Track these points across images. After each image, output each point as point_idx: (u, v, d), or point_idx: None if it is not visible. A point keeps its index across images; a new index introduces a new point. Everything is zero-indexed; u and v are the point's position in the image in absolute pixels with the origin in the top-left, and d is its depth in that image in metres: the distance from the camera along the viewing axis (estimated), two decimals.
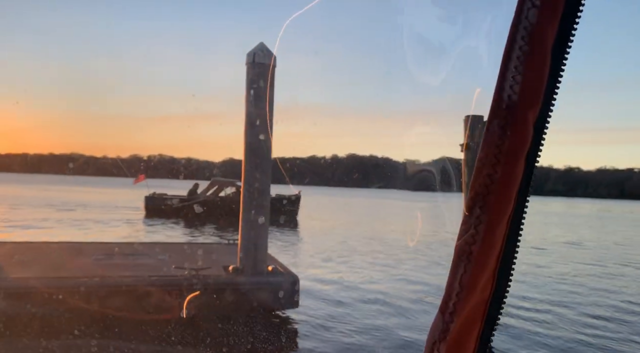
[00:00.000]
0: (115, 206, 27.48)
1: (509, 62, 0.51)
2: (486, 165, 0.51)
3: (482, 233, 0.51)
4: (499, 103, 0.51)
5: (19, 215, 19.98)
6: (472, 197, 0.52)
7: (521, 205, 0.52)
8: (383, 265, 11.45)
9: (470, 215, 0.52)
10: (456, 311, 0.52)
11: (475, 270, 0.51)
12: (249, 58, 6.29)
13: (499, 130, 0.51)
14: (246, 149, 6.41)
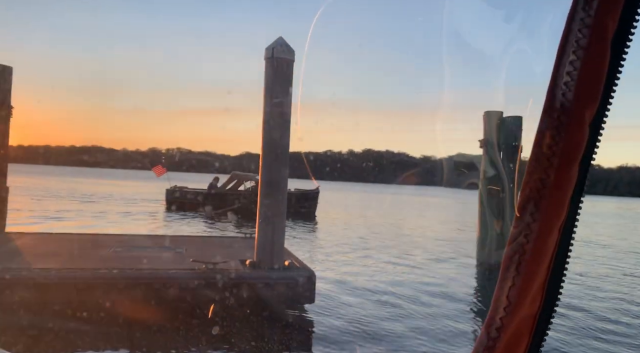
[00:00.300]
0: (137, 199, 27.91)
1: (563, 56, 0.47)
2: (538, 169, 0.47)
3: (532, 242, 0.47)
4: (552, 102, 0.47)
5: (43, 206, 20.39)
6: (523, 202, 0.48)
7: (574, 211, 0.48)
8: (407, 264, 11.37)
9: (521, 219, 0.48)
10: (503, 326, 0.48)
11: (525, 283, 0.48)
12: (268, 52, 6.27)
13: (552, 131, 0.47)
14: (264, 143, 6.40)
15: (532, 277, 0.48)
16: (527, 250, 0.47)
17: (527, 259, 0.48)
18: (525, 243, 0.47)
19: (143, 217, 18.80)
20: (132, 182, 53.28)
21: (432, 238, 16.72)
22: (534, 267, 0.48)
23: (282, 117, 6.36)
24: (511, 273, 0.48)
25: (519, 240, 0.48)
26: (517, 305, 0.48)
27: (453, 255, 12.70)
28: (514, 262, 0.48)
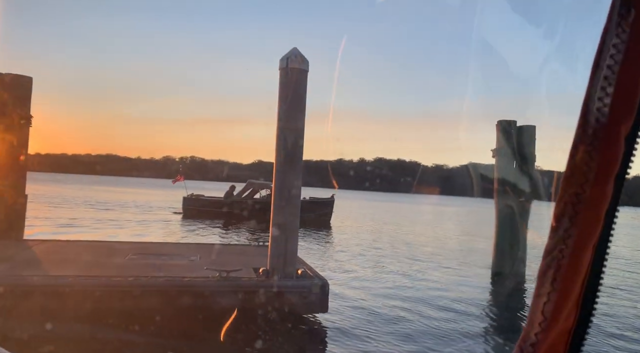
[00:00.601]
0: (154, 206, 28.22)
1: (598, 71, 0.47)
2: (573, 183, 0.47)
3: (567, 258, 0.47)
4: (586, 116, 0.47)
5: (60, 214, 20.69)
6: (557, 217, 0.48)
7: (609, 226, 0.48)
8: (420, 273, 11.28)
9: (555, 235, 0.48)
10: (538, 342, 0.48)
11: (559, 298, 0.47)
12: (282, 63, 6.32)
13: (587, 145, 0.47)
14: (277, 151, 6.43)
15: (567, 293, 0.48)
16: (562, 265, 0.47)
17: (562, 274, 0.47)
18: (560, 259, 0.47)
19: (160, 225, 18.98)
20: (148, 190, 53.90)
21: (455, 249, 16.51)
22: (569, 283, 0.47)
23: (296, 126, 6.39)
24: (546, 288, 0.48)
25: (553, 255, 0.48)
26: (552, 320, 0.47)
27: (471, 265, 12.57)
28: (548, 277, 0.48)
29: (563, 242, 0.47)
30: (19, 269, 6.05)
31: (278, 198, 6.44)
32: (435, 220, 33.02)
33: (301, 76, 6.36)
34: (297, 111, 6.37)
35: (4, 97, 8.13)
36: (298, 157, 6.46)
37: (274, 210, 6.46)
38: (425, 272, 11.34)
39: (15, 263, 6.43)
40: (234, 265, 6.57)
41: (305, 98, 6.46)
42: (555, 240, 0.48)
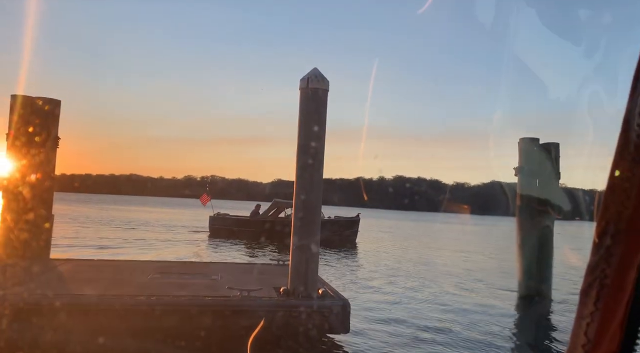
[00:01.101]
0: (179, 225, 28.64)
1: (638, 85, 0.46)
2: (614, 201, 0.46)
3: (611, 278, 0.46)
4: (627, 132, 0.46)
5: (86, 234, 21.09)
6: (599, 235, 0.47)
7: None
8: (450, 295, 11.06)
9: (597, 253, 0.47)
10: None
11: (603, 320, 0.46)
12: (303, 83, 6.41)
13: (628, 162, 0.46)
14: (298, 170, 6.46)
15: (611, 314, 0.46)
16: (605, 285, 0.46)
17: (606, 294, 0.46)
18: (603, 278, 0.46)
19: (187, 244, 19.22)
20: (171, 209, 54.61)
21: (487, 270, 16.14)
22: (613, 303, 0.46)
23: (316, 145, 6.43)
24: (589, 309, 0.47)
25: (596, 274, 0.46)
26: (596, 343, 0.46)
27: (497, 287, 12.27)
28: (591, 297, 0.47)
29: (605, 260, 0.46)
30: (46, 288, 6.16)
31: (298, 217, 6.44)
32: (464, 239, 32.46)
33: (321, 95, 6.42)
34: (317, 130, 6.42)
35: (34, 120, 8.41)
36: (318, 176, 6.48)
37: (294, 229, 6.46)
38: (451, 294, 11.11)
39: (41, 282, 6.55)
40: (254, 284, 6.56)
41: (326, 117, 6.51)
42: (598, 259, 0.47)
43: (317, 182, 6.48)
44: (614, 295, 0.46)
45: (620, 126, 0.47)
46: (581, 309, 0.47)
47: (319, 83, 6.34)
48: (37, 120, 8.42)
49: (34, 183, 8.31)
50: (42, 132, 8.47)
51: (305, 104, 6.40)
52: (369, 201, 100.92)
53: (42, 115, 8.50)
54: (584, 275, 0.48)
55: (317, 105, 6.40)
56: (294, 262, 6.41)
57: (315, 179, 6.45)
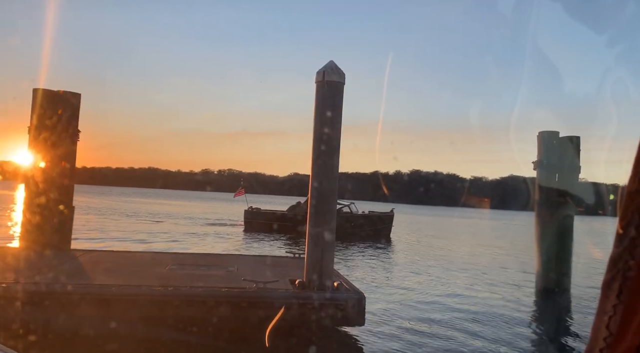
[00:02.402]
0: (212, 219, 29.16)
1: None
2: (639, 191, 0.44)
3: (635, 269, 0.44)
4: None
5: (111, 225, 21.49)
6: (623, 226, 0.45)
7: None
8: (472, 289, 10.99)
9: (620, 245, 0.45)
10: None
11: (627, 312, 0.44)
12: (319, 76, 6.38)
13: None
14: (314, 164, 6.46)
15: (635, 306, 0.44)
16: (628, 277, 0.44)
17: (629, 287, 0.44)
18: (627, 270, 0.44)
19: (222, 237, 19.47)
20: (194, 202, 55.19)
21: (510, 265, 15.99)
22: (637, 296, 0.44)
23: (332, 139, 6.41)
24: (611, 301, 0.45)
25: (619, 267, 0.45)
26: (619, 336, 0.44)
27: (518, 281, 12.14)
28: (614, 290, 0.45)
29: (629, 252, 0.44)
30: (64, 278, 6.29)
31: (313, 210, 6.45)
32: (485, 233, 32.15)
33: (337, 89, 6.39)
34: (333, 124, 6.40)
35: (55, 113, 8.56)
36: (334, 169, 6.46)
37: (309, 222, 6.47)
38: (470, 287, 11.03)
39: (61, 272, 6.69)
40: (270, 276, 6.60)
41: (342, 110, 6.48)
42: (621, 250, 0.45)
43: (333, 172, 6.46)
44: (638, 288, 0.45)
45: None
46: (603, 302, 0.46)
47: (334, 76, 6.31)
48: (58, 114, 8.56)
49: (55, 175, 8.48)
50: (63, 125, 8.62)
51: (321, 96, 6.38)
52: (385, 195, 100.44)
53: (63, 109, 8.65)
54: (607, 268, 0.46)
55: (333, 98, 6.37)
56: (309, 253, 6.42)
57: (330, 169, 6.43)
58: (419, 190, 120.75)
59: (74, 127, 8.85)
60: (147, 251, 11.33)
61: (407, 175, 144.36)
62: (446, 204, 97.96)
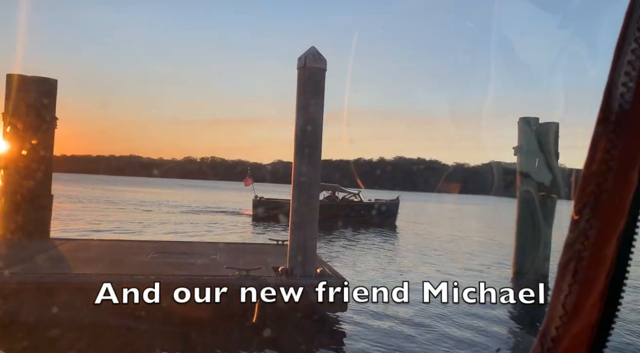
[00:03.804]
0: (216, 207, 28.86)
1: (621, 56, 0.45)
2: (595, 173, 0.45)
3: (590, 249, 0.45)
4: (609, 103, 0.45)
5: (91, 214, 21.10)
6: (579, 208, 0.46)
7: (634, 218, 0.46)
8: None
9: (576, 228, 0.46)
10: (559, 336, 0.46)
11: (582, 291, 0.46)
12: (300, 62, 6.33)
13: (609, 134, 0.45)
14: (296, 151, 6.44)
15: (590, 285, 0.46)
16: (584, 257, 0.46)
17: (585, 267, 0.46)
18: (582, 250, 0.46)
19: (235, 226, 19.44)
20: (194, 191, 54.47)
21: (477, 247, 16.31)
22: (592, 275, 0.46)
23: (314, 125, 6.39)
24: (567, 281, 0.46)
25: (575, 248, 0.46)
26: (574, 314, 0.46)
27: (491, 265, 12.39)
28: (569, 270, 0.46)
29: (585, 233, 0.46)
30: (44, 267, 6.20)
31: (297, 197, 6.45)
32: (458, 218, 32.69)
33: (319, 75, 6.36)
34: (315, 110, 6.38)
35: (30, 99, 8.35)
36: (317, 156, 6.46)
37: (292, 208, 6.48)
38: (446, 271, 11.23)
39: (41, 261, 6.59)
40: (253, 264, 6.61)
41: (324, 97, 6.45)
42: (577, 233, 0.46)
43: (315, 161, 6.47)
44: (593, 267, 0.46)
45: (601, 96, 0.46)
46: (560, 282, 0.47)
47: (316, 62, 6.27)
48: (33, 100, 8.35)
49: (32, 163, 8.30)
50: (38, 111, 8.41)
51: (303, 83, 6.34)
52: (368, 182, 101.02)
53: (38, 95, 8.44)
54: (563, 250, 0.47)
55: (315, 85, 6.34)
56: (292, 241, 6.44)
57: (313, 158, 6.43)
58: (401, 177, 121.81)
59: (50, 114, 8.65)
60: (128, 239, 11.22)
61: (391, 161, 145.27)
62: (427, 190, 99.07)
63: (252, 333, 5.64)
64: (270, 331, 5.58)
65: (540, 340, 0.48)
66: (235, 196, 40.54)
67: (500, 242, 17.36)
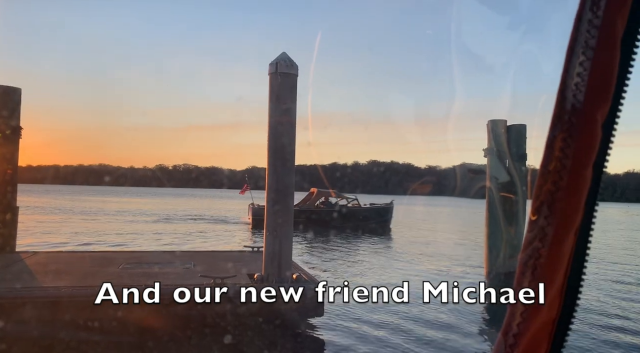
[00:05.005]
0: (209, 216, 28.44)
1: (573, 58, 0.46)
2: (551, 172, 0.46)
3: (548, 247, 0.46)
4: (562, 103, 0.47)
5: (83, 226, 20.43)
6: (536, 206, 0.47)
7: (589, 214, 0.48)
8: None
9: (534, 226, 0.47)
10: (520, 333, 0.47)
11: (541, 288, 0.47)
12: (272, 67, 6.32)
13: (564, 133, 0.46)
14: (270, 155, 6.42)
15: (549, 282, 0.47)
16: (542, 254, 0.47)
17: (543, 264, 0.47)
18: (541, 248, 0.47)
19: (234, 235, 19.44)
20: (167, 200, 53.48)
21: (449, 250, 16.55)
22: (551, 272, 0.47)
23: (287, 131, 6.38)
24: (527, 278, 0.47)
25: (534, 245, 0.47)
26: (535, 311, 0.47)
27: (465, 265, 12.59)
28: (529, 267, 0.47)
29: (542, 230, 0.47)
30: (10, 281, 5.97)
31: (271, 201, 6.42)
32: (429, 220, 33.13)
33: (291, 81, 6.36)
34: (288, 116, 6.37)
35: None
36: (290, 161, 6.45)
37: (267, 214, 6.44)
38: (417, 270, 11.36)
39: (5, 275, 6.35)
40: (228, 271, 6.52)
41: (296, 102, 6.45)
42: (536, 231, 0.47)
43: (289, 167, 6.45)
44: (551, 264, 0.47)
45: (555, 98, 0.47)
46: (519, 278, 0.48)
47: (287, 67, 6.27)
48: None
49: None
50: (1, 121, 8.13)
51: (274, 88, 6.33)
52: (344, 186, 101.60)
53: (1, 104, 8.16)
54: (522, 248, 0.48)
55: (286, 90, 6.33)
56: (267, 247, 6.40)
57: (286, 165, 6.42)
58: (376, 180, 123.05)
59: (14, 124, 8.37)
60: (99, 250, 10.94)
61: (365, 165, 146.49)
62: (402, 193, 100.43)
63: (211, 341, 5.57)
64: (231, 338, 5.51)
65: (502, 336, 0.49)
66: (216, 203, 40.06)
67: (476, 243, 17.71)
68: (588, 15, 0.46)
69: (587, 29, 0.46)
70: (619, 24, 0.45)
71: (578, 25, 0.46)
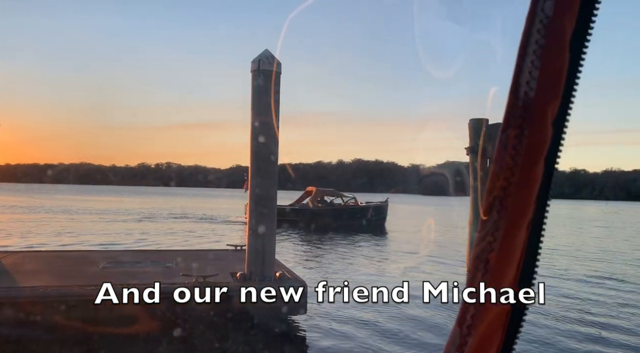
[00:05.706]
0: (209, 216, 28.13)
1: (525, 57, 0.48)
2: (503, 168, 0.48)
3: (500, 240, 0.48)
4: (514, 101, 0.48)
5: (62, 225, 20.04)
6: (489, 201, 0.48)
7: (541, 209, 0.49)
8: None
9: (488, 220, 0.48)
10: (474, 324, 0.48)
11: (494, 280, 0.48)
12: (254, 65, 6.29)
13: (515, 129, 0.48)
14: (252, 155, 6.40)
15: (502, 275, 0.48)
16: (494, 248, 0.48)
17: (496, 257, 0.48)
18: (493, 242, 0.48)
19: (231, 232, 19.11)
20: (155, 198, 52.75)
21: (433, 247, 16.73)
22: (503, 265, 0.48)
23: (270, 129, 6.37)
24: (480, 271, 0.48)
25: (487, 240, 0.48)
26: (488, 302, 0.48)
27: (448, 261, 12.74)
28: (482, 261, 0.48)
29: (495, 225, 0.48)
30: None
31: (254, 202, 6.40)
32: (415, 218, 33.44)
33: (274, 78, 6.34)
34: (271, 114, 6.35)
35: None
36: (273, 160, 6.44)
37: (249, 213, 6.42)
38: (400, 269, 11.46)
39: None
40: (211, 270, 6.49)
41: (279, 100, 6.43)
42: (488, 226, 0.49)
43: (272, 165, 6.44)
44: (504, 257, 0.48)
45: None
46: (473, 271, 0.49)
47: (270, 65, 6.25)
48: None
49: None
50: None
51: (257, 86, 6.30)
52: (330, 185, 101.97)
53: None
54: (475, 242, 0.49)
55: (269, 88, 6.31)
56: (250, 246, 6.38)
57: (269, 164, 6.40)
58: (360, 179, 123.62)
59: None
60: (78, 249, 10.79)
61: (350, 164, 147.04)
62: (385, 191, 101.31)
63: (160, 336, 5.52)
64: (181, 331, 5.48)
65: (456, 328, 0.50)
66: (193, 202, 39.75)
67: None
68: (539, 16, 0.47)
69: (537, 28, 0.47)
70: (566, 25, 0.47)
71: (530, 25, 0.48)
